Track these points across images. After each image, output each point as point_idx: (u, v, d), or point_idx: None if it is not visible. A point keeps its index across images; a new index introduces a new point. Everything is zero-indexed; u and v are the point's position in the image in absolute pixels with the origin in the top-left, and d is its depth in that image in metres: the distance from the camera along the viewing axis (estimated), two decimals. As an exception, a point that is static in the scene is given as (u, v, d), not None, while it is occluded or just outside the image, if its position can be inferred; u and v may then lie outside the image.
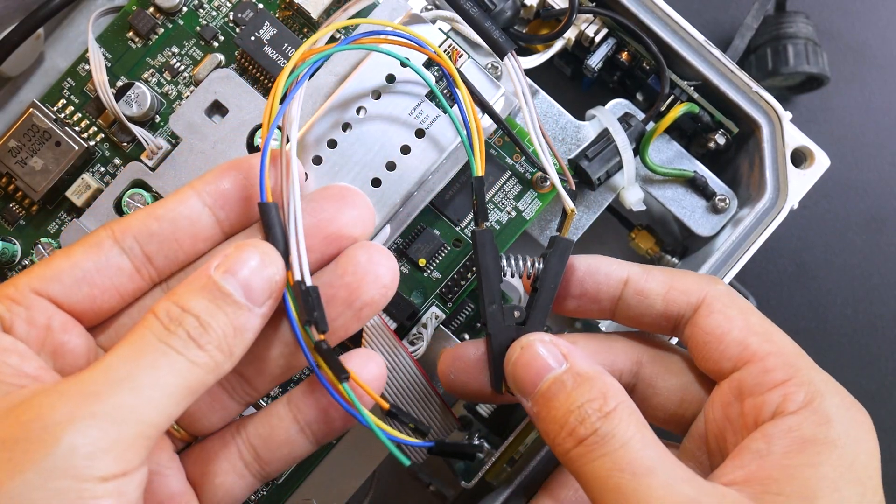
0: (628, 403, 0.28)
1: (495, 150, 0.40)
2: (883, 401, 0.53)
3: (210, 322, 0.26)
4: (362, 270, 0.29)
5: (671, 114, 0.40)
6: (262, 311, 0.27)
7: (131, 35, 0.40)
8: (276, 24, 0.38)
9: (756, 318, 0.30)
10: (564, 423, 0.27)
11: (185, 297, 0.26)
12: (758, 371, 0.29)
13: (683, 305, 0.31)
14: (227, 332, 0.26)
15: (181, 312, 0.26)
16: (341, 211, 0.30)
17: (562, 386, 0.28)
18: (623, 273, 0.32)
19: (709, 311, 0.30)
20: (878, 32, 0.54)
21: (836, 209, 0.54)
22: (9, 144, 0.38)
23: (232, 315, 0.26)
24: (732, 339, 0.29)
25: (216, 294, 0.26)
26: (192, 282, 0.27)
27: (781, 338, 0.30)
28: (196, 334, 0.25)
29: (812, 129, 0.42)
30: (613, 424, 0.27)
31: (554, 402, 0.28)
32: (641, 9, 0.40)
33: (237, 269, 0.27)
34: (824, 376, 0.29)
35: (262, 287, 0.27)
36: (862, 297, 0.53)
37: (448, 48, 0.37)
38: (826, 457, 0.26)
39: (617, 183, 0.41)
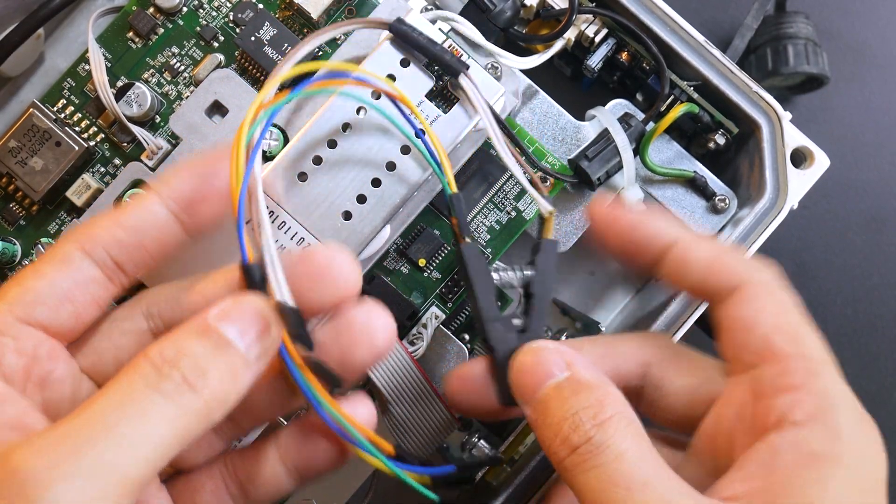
0: (626, 413, 0.27)
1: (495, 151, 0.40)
2: (883, 401, 0.53)
3: (209, 367, 0.25)
4: (357, 333, 0.28)
5: (671, 114, 0.40)
6: (260, 364, 0.26)
7: (131, 35, 0.40)
8: (276, 25, 0.38)
9: (789, 317, 0.28)
10: (559, 430, 0.27)
11: (182, 339, 0.25)
12: (776, 372, 0.27)
13: (721, 285, 0.29)
14: (224, 379, 0.25)
15: (177, 354, 0.24)
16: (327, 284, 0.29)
17: (560, 393, 0.28)
18: (671, 235, 0.31)
19: (743, 298, 0.29)
20: (878, 32, 0.54)
21: (836, 209, 0.54)
22: (9, 144, 0.38)
23: (231, 362, 0.25)
24: (758, 333, 0.28)
25: (217, 340, 0.25)
26: (189, 327, 0.25)
27: (811, 342, 0.28)
28: (193, 377, 0.24)
29: (812, 129, 0.42)
30: (608, 434, 0.26)
31: (550, 408, 0.27)
32: (641, 9, 0.40)
33: (237, 319, 0.26)
34: (842, 388, 0.27)
35: (262, 340, 0.26)
36: (862, 297, 0.53)
37: (448, 48, 0.37)
38: (833, 473, 0.25)
39: (617, 183, 0.41)
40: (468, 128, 0.37)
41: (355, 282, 0.29)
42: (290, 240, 0.36)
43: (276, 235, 0.36)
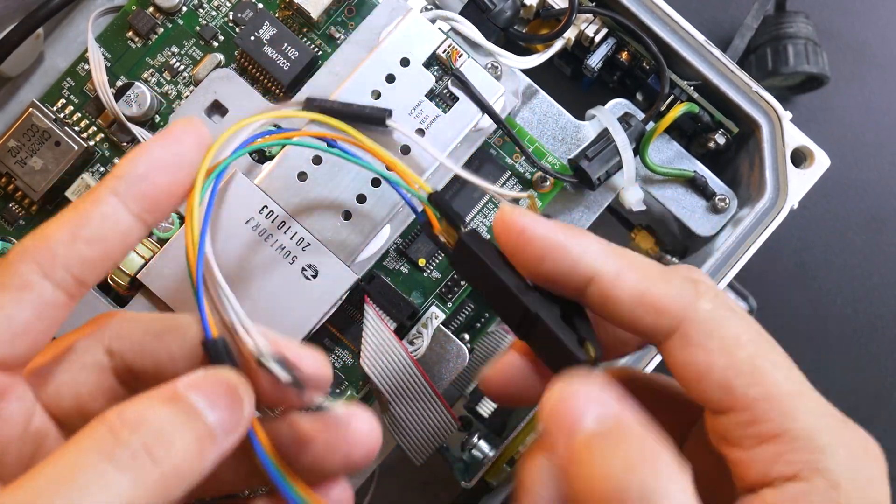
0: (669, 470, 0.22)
1: (495, 150, 0.40)
2: (883, 401, 0.53)
3: (174, 437, 0.22)
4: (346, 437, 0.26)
5: (671, 114, 0.40)
6: (229, 440, 0.24)
7: (131, 35, 0.40)
8: (275, 24, 0.38)
9: (744, 353, 0.24)
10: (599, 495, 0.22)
11: (146, 404, 0.22)
12: (743, 421, 0.24)
13: (656, 325, 0.25)
14: (189, 452, 0.22)
15: (138, 419, 0.22)
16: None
17: (602, 448, 0.23)
18: (587, 269, 0.25)
19: (685, 342, 0.25)
20: (878, 32, 0.54)
21: (836, 209, 0.54)
22: (8, 144, 0.38)
23: (199, 436, 0.23)
24: (714, 381, 0.24)
25: (186, 409, 0.23)
26: (156, 393, 0.23)
27: (775, 375, 0.24)
28: (154, 446, 0.21)
29: (812, 129, 0.42)
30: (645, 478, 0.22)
31: (591, 464, 0.23)
32: (641, 9, 0.40)
33: (209, 391, 0.23)
34: (824, 420, 0.24)
35: (233, 415, 0.24)
36: (862, 297, 0.53)
37: (448, 48, 0.37)
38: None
39: (617, 183, 0.41)
40: (468, 127, 0.37)
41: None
42: (289, 240, 0.36)
43: (277, 236, 0.36)
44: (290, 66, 0.38)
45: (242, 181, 0.36)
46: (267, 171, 0.36)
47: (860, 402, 0.53)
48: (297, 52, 0.38)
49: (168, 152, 0.26)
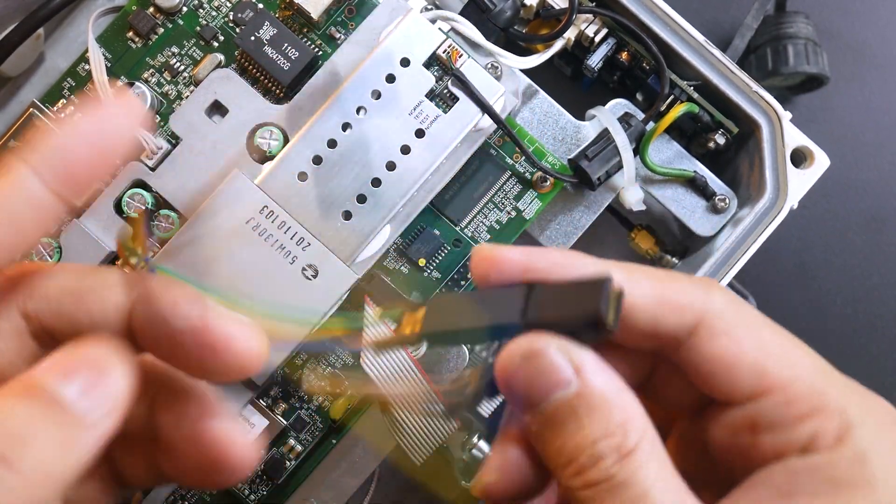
0: (651, 435, 0.23)
1: (495, 150, 0.40)
2: (883, 401, 0.53)
3: (34, 437, 0.20)
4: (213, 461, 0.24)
5: (671, 114, 0.40)
6: (106, 422, 0.21)
7: (131, 35, 0.40)
8: (276, 24, 0.38)
9: (769, 334, 0.25)
10: (573, 459, 0.23)
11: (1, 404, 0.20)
12: (779, 403, 0.24)
13: (675, 326, 0.24)
14: (53, 449, 0.20)
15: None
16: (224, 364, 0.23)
17: (572, 413, 0.23)
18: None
19: (711, 334, 0.24)
20: (878, 32, 0.54)
21: (836, 209, 0.54)
22: (9, 144, 0.38)
23: (64, 427, 0.20)
24: (746, 367, 0.24)
25: (45, 400, 0.20)
26: (11, 386, 0.20)
27: (801, 355, 0.25)
28: (10, 453, 0.19)
29: (812, 129, 0.42)
30: (633, 469, 0.22)
31: (562, 430, 0.23)
32: (641, 9, 0.40)
33: (73, 372, 0.21)
34: (855, 396, 0.24)
35: (103, 395, 0.21)
36: (862, 297, 0.53)
37: (448, 48, 0.37)
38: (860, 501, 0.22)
39: (617, 183, 0.41)
40: (468, 127, 0.37)
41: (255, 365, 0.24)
42: (290, 240, 0.36)
43: (277, 236, 0.36)
44: (291, 67, 0.38)
45: (242, 181, 0.36)
46: (267, 171, 0.36)
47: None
48: (297, 53, 0.38)
49: (90, 122, 0.23)
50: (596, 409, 0.23)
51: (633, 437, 0.23)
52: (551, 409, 0.23)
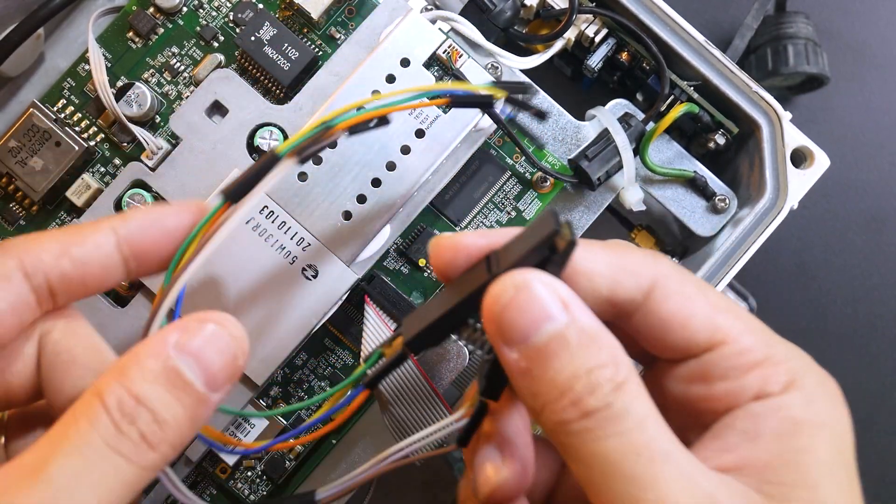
0: (636, 373, 0.24)
1: (495, 150, 0.40)
2: (883, 401, 0.53)
3: (167, 418, 0.22)
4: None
5: (671, 114, 0.40)
6: (219, 397, 0.24)
7: (131, 35, 0.40)
8: (276, 25, 0.38)
9: (714, 295, 0.26)
10: (567, 389, 0.23)
11: (138, 382, 0.22)
12: (732, 353, 0.25)
13: (633, 289, 0.26)
14: (182, 427, 0.23)
15: (135, 405, 0.22)
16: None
17: (565, 343, 0.23)
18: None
19: (665, 294, 0.26)
20: (878, 32, 0.54)
21: (836, 209, 0.54)
22: (9, 144, 0.38)
23: (190, 407, 0.23)
24: (700, 321, 0.26)
25: (176, 382, 0.23)
26: (146, 359, 0.23)
27: (745, 313, 0.26)
28: (150, 433, 0.22)
29: (812, 129, 0.42)
30: (629, 399, 0.23)
31: (554, 361, 0.23)
32: (641, 9, 0.40)
33: (200, 351, 0.23)
34: (795, 350, 0.26)
35: (226, 374, 0.24)
36: (862, 297, 0.53)
37: (448, 48, 0.37)
38: (819, 439, 0.24)
39: (617, 183, 0.41)
40: (468, 127, 0.37)
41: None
42: (290, 240, 0.36)
43: (277, 236, 0.36)
44: (291, 67, 0.38)
45: (243, 181, 0.36)
46: (267, 171, 0.36)
47: (860, 402, 0.53)
48: (297, 53, 0.38)
49: (171, 219, 0.27)
50: (587, 342, 0.23)
51: (624, 369, 0.23)
52: (543, 341, 0.23)
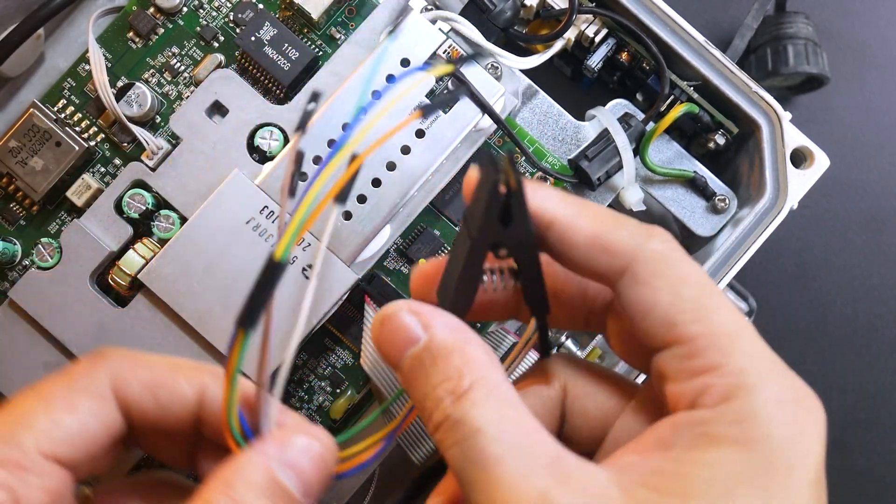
0: (489, 379, 0.24)
1: (495, 150, 0.40)
2: (883, 401, 0.53)
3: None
4: None
5: (671, 114, 0.40)
6: (312, 502, 0.25)
7: (131, 35, 0.40)
8: (276, 25, 0.38)
9: (690, 290, 0.25)
10: (423, 407, 0.25)
11: (244, 494, 0.24)
12: (681, 355, 0.24)
13: (605, 267, 0.25)
14: None
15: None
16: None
17: (420, 365, 0.25)
18: (548, 214, 0.26)
19: (633, 281, 0.25)
20: (878, 32, 0.54)
21: (836, 209, 0.54)
22: (9, 144, 0.38)
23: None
24: (657, 316, 0.24)
25: (278, 493, 0.24)
26: (252, 474, 0.24)
27: (719, 314, 0.24)
28: None
29: (812, 129, 0.42)
30: (465, 409, 0.23)
31: (416, 383, 0.25)
32: (641, 9, 0.40)
33: (297, 462, 0.25)
34: (765, 363, 0.24)
35: (320, 480, 0.25)
36: (862, 297, 0.53)
37: (448, 48, 0.37)
38: (731, 458, 0.22)
39: (617, 183, 0.41)
40: (468, 127, 0.37)
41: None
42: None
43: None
44: (291, 67, 0.38)
45: (242, 181, 0.36)
46: (267, 171, 0.36)
47: (860, 402, 0.53)
48: (297, 53, 0.38)
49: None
50: (438, 359, 0.24)
51: (467, 380, 0.24)
52: (407, 366, 0.25)
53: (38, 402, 0.25)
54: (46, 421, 0.24)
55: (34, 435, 0.24)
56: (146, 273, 0.36)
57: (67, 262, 0.37)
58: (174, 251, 0.36)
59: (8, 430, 0.24)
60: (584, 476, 0.23)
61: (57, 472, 0.24)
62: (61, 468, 0.24)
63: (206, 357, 0.36)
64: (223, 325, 0.36)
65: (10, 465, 0.23)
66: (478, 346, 0.25)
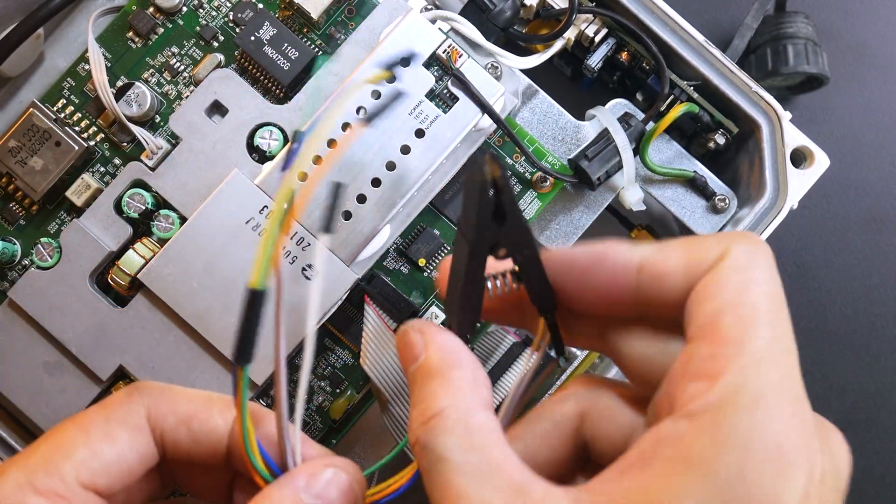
0: (460, 407, 0.24)
1: (495, 150, 0.40)
2: (883, 401, 0.53)
3: None
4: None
5: (671, 114, 0.40)
6: None
7: (131, 35, 0.40)
8: (276, 24, 0.38)
9: (751, 297, 0.23)
10: (409, 426, 0.25)
11: None
12: (704, 354, 0.23)
13: (704, 271, 0.24)
14: None
15: None
16: None
17: (414, 381, 0.26)
18: (636, 257, 0.25)
19: (715, 270, 0.24)
20: (878, 32, 0.54)
21: (836, 209, 0.54)
22: (9, 144, 0.38)
23: None
24: (708, 308, 0.23)
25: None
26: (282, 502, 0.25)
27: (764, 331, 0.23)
28: None
29: (812, 129, 0.42)
30: (431, 436, 0.24)
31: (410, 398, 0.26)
32: (641, 9, 0.40)
33: (329, 496, 0.25)
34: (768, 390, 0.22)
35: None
36: (862, 297, 0.53)
37: (448, 48, 0.37)
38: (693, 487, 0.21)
39: (617, 183, 0.41)
40: (468, 127, 0.37)
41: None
42: (289, 240, 0.36)
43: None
44: (291, 67, 0.38)
45: (242, 181, 0.36)
46: (267, 170, 0.36)
47: (860, 402, 0.53)
48: (297, 53, 0.38)
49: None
50: (424, 380, 0.25)
51: (436, 405, 0.24)
52: (409, 381, 0.26)
53: (78, 433, 0.25)
54: (85, 451, 0.25)
55: (73, 465, 0.24)
56: (146, 273, 0.36)
57: (67, 262, 0.37)
58: (174, 251, 0.36)
59: (48, 459, 0.24)
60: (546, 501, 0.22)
61: (95, 501, 0.25)
62: (99, 498, 0.25)
63: (206, 356, 0.36)
64: (223, 325, 0.36)
65: (51, 494, 0.24)
66: (463, 370, 0.25)
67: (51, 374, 0.37)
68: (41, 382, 0.37)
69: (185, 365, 0.36)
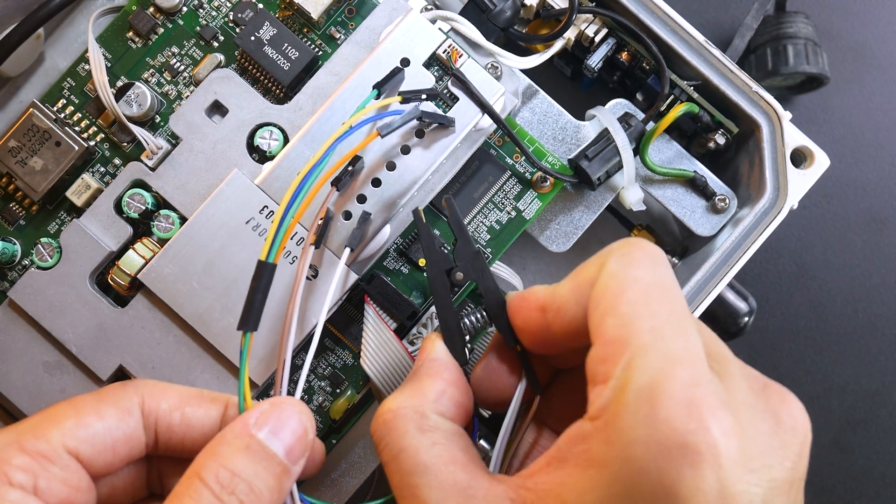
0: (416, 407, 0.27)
1: (495, 150, 0.40)
2: (883, 401, 0.53)
3: (261, 487, 0.26)
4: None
5: (671, 114, 0.40)
6: (297, 470, 0.27)
7: (131, 35, 0.40)
8: (276, 24, 0.38)
9: (629, 295, 0.24)
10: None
11: (231, 459, 0.26)
12: (597, 358, 0.24)
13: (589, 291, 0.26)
14: (273, 494, 0.26)
15: (231, 477, 0.25)
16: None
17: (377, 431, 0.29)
18: (539, 299, 0.28)
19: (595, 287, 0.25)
20: (878, 32, 0.54)
21: (836, 209, 0.54)
22: (9, 144, 0.38)
23: (277, 476, 0.26)
24: (596, 314, 0.25)
25: (262, 456, 0.26)
26: (234, 440, 0.26)
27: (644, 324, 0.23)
28: (248, 502, 0.25)
29: (812, 129, 0.42)
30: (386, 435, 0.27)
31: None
32: (641, 9, 0.40)
33: (279, 429, 0.27)
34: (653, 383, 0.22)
35: (301, 446, 0.27)
36: (862, 297, 0.53)
37: (448, 48, 0.37)
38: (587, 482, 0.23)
39: (617, 183, 0.41)
40: (468, 127, 0.37)
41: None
42: (289, 240, 0.36)
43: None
44: (291, 67, 0.38)
45: (242, 181, 0.36)
46: (267, 171, 0.36)
47: (860, 402, 0.53)
48: (297, 53, 0.38)
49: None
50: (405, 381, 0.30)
51: (392, 405, 0.28)
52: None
53: (69, 407, 0.27)
54: (74, 422, 0.26)
55: (61, 431, 0.26)
56: (146, 273, 0.36)
57: (67, 262, 0.37)
58: (174, 251, 0.36)
59: (38, 425, 0.26)
60: (487, 498, 0.25)
61: (77, 467, 0.26)
62: (81, 467, 0.26)
63: (206, 356, 0.36)
64: (223, 325, 0.36)
65: (36, 454, 0.25)
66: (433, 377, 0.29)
67: (51, 374, 0.37)
68: (41, 382, 0.37)
69: (185, 365, 0.36)
